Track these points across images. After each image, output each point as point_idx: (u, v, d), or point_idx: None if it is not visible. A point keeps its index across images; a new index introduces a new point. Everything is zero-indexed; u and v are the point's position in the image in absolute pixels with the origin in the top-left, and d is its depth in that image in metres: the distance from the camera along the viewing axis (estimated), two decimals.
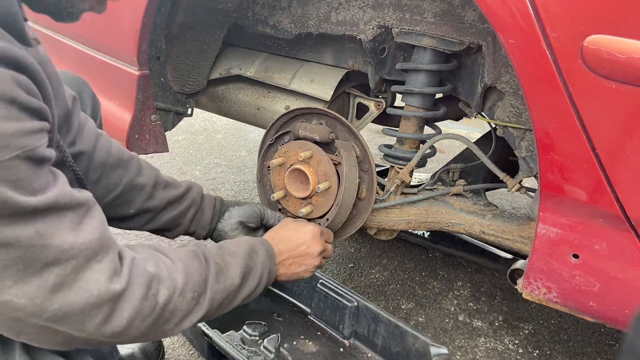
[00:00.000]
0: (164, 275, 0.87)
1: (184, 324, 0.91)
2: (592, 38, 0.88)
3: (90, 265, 0.77)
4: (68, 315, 0.75)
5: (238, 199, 2.67)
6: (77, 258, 0.75)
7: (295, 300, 1.64)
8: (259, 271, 1.09)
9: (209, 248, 1.04)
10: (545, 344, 1.78)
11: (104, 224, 0.82)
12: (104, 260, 0.79)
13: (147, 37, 1.53)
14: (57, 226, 0.73)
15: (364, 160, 1.39)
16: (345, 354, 1.46)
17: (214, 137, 3.57)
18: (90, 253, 0.77)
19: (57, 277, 0.73)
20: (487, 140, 1.70)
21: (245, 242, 1.13)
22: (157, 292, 0.85)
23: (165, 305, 0.86)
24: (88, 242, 0.76)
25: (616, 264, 1.02)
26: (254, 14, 1.67)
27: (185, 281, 0.90)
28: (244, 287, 1.05)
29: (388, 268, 2.16)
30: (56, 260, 0.73)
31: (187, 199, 1.28)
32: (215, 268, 0.99)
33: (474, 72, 1.37)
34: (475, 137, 1.93)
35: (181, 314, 0.90)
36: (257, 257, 1.11)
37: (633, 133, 0.91)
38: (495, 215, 1.37)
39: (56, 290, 0.73)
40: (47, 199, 0.72)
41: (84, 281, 0.76)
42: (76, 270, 0.75)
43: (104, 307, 0.77)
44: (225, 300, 1.00)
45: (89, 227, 0.78)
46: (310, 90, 1.61)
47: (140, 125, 1.65)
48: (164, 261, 0.90)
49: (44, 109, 0.74)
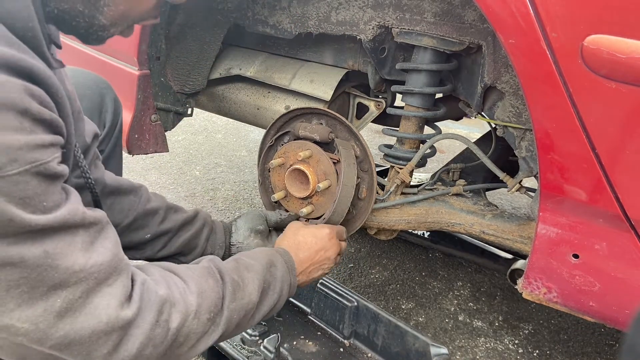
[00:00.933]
0: (177, 298, 0.82)
1: (199, 346, 0.86)
2: (592, 38, 0.88)
3: (100, 289, 0.72)
4: (74, 344, 0.70)
5: (238, 199, 2.67)
6: (87, 281, 0.70)
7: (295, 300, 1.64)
8: (278, 285, 1.04)
9: (225, 263, 0.99)
10: (545, 344, 1.78)
11: (117, 245, 0.78)
12: (115, 285, 0.74)
13: (147, 37, 1.53)
14: (67, 246, 0.69)
15: (364, 160, 1.39)
16: (345, 354, 1.46)
17: (214, 137, 3.57)
18: (102, 276, 0.72)
19: (65, 302, 0.68)
20: (487, 140, 1.70)
21: (264, 254, 1.07)
22: (170, 317, 0.80)
23: (179, 330, 0.81)
24: (99, 265, 0.72)
25: (616, 264, 1.02)
26: (254, 14, 1.67)
27: (200, 302, 0.85)
28: (264, 304, 1.00)
29: (388, 268, 2.16)
30: (64, 282, 0.68)
31: (199, 220, 1.27)
32: (232, 286, 0.93)
33: (474, 72, 1.37)
34: (475, 137, 1.93)
35: (196, 336, 0.85)
36: (276, 270, 1.05)
37: (633, 133, 0.91)
38: (495, 215, 1.37)
39: (63, 316, 0.68)
40: (58, 217, 0.68)
41: (93, 306, 0.71)
42: (86, 295, 0.70)
43: (113, 335, 0.73)
44: (243, 319, 0.95)
45: (102, 248, 0.74)
46: (310, 90, 1.61)
47: (141, 125, 1.65)
48: (176, 282, 0.85)
49: (57, 122, 0.70)
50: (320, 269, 1.21)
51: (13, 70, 0.64)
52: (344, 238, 1.34)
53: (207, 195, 2.70)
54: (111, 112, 1.28)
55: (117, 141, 1.32)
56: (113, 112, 1.29)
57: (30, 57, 0.67)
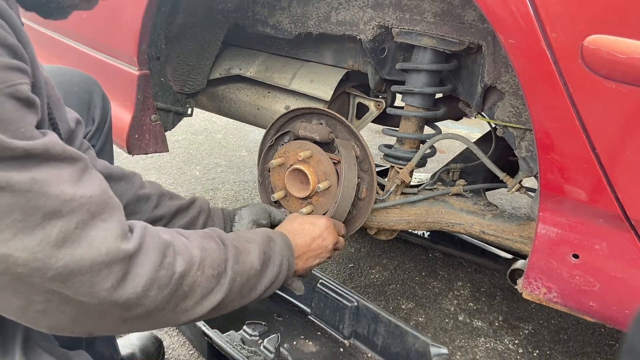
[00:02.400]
0: (180, 246, 0.82)
1: (204, 304, 0.84)
2: (592, 38, 0.88)
3: (95, 222, 0.71)
4: (75, 274, 0.69)
5: (238, 199, 2.67)
6: (80, 212, 0.70)
7: (295, 300, 1.64)
8: (278, 259, 1.03)
9: (225, 233, 0.98)
10: (545, 344, 1.78)
11: (105, 184, 0.77)
12: (109, 220, 0.73)
13: (147, 37, 1.53)
14: (54, 176, 0.68)
15: (364, 160, 1.39)
16: (345, 354, 1.46)
17: (214, 137, 3.57)
18: (94, 209, 0.71)
19: (61, 232, 0.68)
20: (487, 140, 1.70)
21: (262, 231, 1.08)
22: (174, 261, 0.79)
23: (183, 276, 0.80)
24: (89, 197, 0.71)
25: (616, 264, 1.02)
26: (254, 14, 1.67)
27: (203, 256, 0.84)
28: (265, 274, 0.99)
29: (388, 268, 2.16)
30: (57, 211, 0.68)
31: (195, 207, 1.26)
32: (234, 250, 0.93)
33: (474, 72, 1.37)
34: (475, 137, 1.93)
35: (201, 290, 0.83)
36: (275, 245, 1.05)
37: (633, 133, 0.91)
38: (495, 215, 1.37)
39: (60, 246, 0.67)
40: (38, 144, 0.67)
41: (90, 238, 0.70)
42: (81, 226, 0.69)
43: (114, 268, 0.72)
44: (246, 284, 0.94)
45: (89, 183, 0.73)
46: (310, 90, 1.61)
47: (140, 125, 1.65)
48: (179, 235, 0.85)
49: (21, 50, 0.69)
50: (317, 257, 1.20)
51: None
52: (342, 234, 1.33)
53: (207, 195, 2.70)
54: (100, 108, 1.28)
55: (107, 137, 1.32)
56: (101, 108, 1.29)
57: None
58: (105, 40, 1.68)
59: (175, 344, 1.64)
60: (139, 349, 1.48)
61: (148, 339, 1.53)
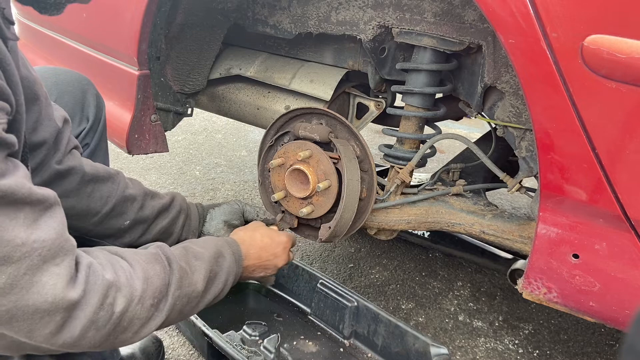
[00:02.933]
0: (122, 283, 0.82)
1: (142, 332, 0.87)
2: (592, 38, 0.88)
3: (48, 267, 0.71)
4: (16, 320, 0.69)
5: (238, 198, 2.67)
6: (31, 257, 0.69)
7: (295, 300, 1.64)
8: (223, 276, 1.06)
9: (173, 249, 1.00)
10: (545, 344, 1.78)
11: (63, 225, 0.77)
12: (62, 265, 0.73)
13: (147, 37, 1.53)
14: (10, 219, 0.68)
15: (364, 160, 1.39)
16: (345, 354, 1.46)
17: (214, 137, 3.57)
18: (46, 254, 0.71)
19: (9, 278, 0.67)
20: (487, 140, 1.70)
21: (213, 244, 1.10)
22: (114, 300, 0.80)
23: (122, 314, 0.81)
24: (42, 241, 0.71)
25: (616, 264, 1.02)
26: (254, 14, 1.67)
27: (144, 287, 0.86)
28: (209, 292, 1.02)
29: (388, 268, 2.16)
30: (8, 257, 0.67)
31: (175, 207, 1.27)
32: (179, 273, 0.94)
33: (474, 72, 1.37)
34: (475, 137, 1.93)
35: (139, 322, 0.85)
36: (223, 261, 1.08)
37: (633, 133, 0.91)
38: (495, 215, 1.37)
39: (8, 293, 0.68)
40: (4, 186, 0.66)
41: (40, 285, 0.70)
42: (31, 272, 0.69)
43: (57, 316, 0.72)
44: (187, 306, 0.97)
45: (46, 226, 0.72)
46: (310, 90, 1.61)
47: (140, 125, 1.65)
48: (122, 266, 0.85)
49: (4, 89, 0.69)
50: (263, 270, 1.23)
51: None
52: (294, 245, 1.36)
53: (207, 195, 2.70)
54: (93, 107, 1.29)
55: (101, 136, 1.33)
56: (95, 107, 1.30)
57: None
58: (106, 40, 1.68)
59: (175, 344, 1.64)
60: (139, 349, 1.48)
61: (148, 339, 1.53)
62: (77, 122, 1.25)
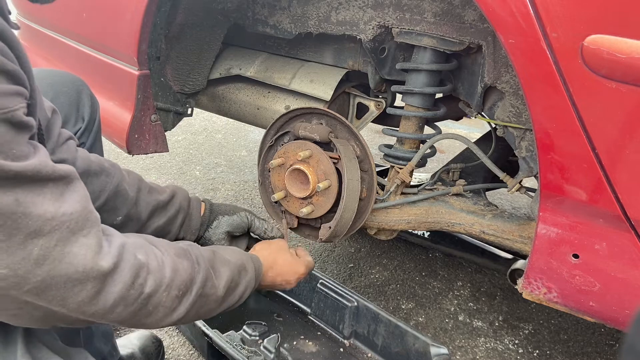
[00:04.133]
0: (154, 266, 0.85)
1: (163, 321, 0.89)
2: (592, 38, 0.88)
3: (76, 238, 0.75)
4: (50, 289, 0.73)
5: (238, 198, 2.67)
6: (60, 230, 0.73)
7: (295, 300, 1.64)
8: (242, 288, 1.08)
9: (202, 250, 1.02)
10: (545, 344, 1.78)
11: (87, 199, 0.80)
12: (90, 235, 0.77)
13: (147, 37, 1.53)
14: (37, 195, 0.71)
15: (364, 160, 1.39)
16: (345, 354, 1.46)
17: (214, 137, 3.57)
18: (74, 226, 0.75)
19: (42, 250, 0.71)
20: (487, 140, 1.70)
21: (239, 256, 1.11)
22: (145, 282, 0.83)
23: (150, 297, 0.84)
24: (70, 214, 0.74)
25: (616, 264, 1.02)
26: (254, 14, 1.67)
27: (173, 277, 0.88)
28: (225, 301, 1.04)
29: (388, 268, 2.16)
30: (39, 230, 0.71)
31: (173, 205, 1.25)
32: (205, 273, 0.97)
33: (474, 72, 1.37)
34: (475, 137, 1.93)
35: (163, 310, 0.88)
36: (245, 274, 1.09)
37: (633, 133, 0.91)
38: (495, 215, 1.37)
39: (41, 263, 0.71)
40: (29, 165, 0.70)
41: (70, 255, 0.74)
42: (62, 243, 0.73)
43: (88, 285, 0.76)
44: (204, 307, 0.98)
45: (71, 199, 0.76)
46: (310, 90, 1.61)
47: (140, 125, 1.65)
48: (155, 252, 0.88)
49: (20, 74, 0.73)
50: (270, 289, 1.27)
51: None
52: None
53: (207, 195, 2.70)
54: (88, 107, 1.30)
55: (96, 136, 1.33)
56: (90, 107, 1.30)
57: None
58: (105, 40, 1.68)
59: (175, 344, 1.64)
60: (139, 349, 1.48)
61: (148, 339, 1.53)
62: (72, 122, 1.25)
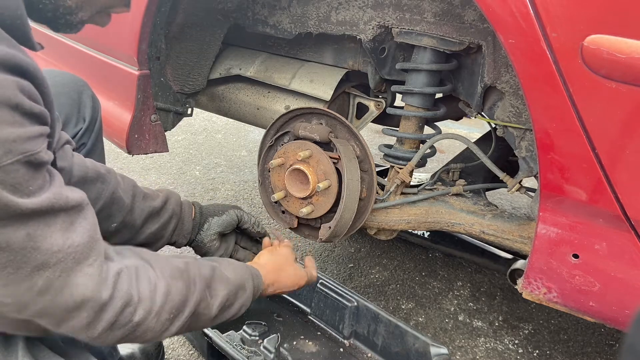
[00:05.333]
0: (145, 296, 0.87)
1: (152, 339, 0.92)
2: (592, 38, 0.88)
3: (80, 268, 0.77)
4: (47, 315, 0.77)
5: (238, 199, 2.67)
6: (65, 261, 0.76)
7: (295, 300, 1.63)
8: (237, 307, 1.08)
9: (202, 266, 1.02)
10: (545, 344, 1.78)
11: (95, 226, 0.83)
12: (94, 264, 0.79)
13: (147, 37, 1.53)
14: (47, 228, 0.74)
15: (364, 160, 1.39)
16: (345, 354, 1.46)
17: (214, 137, 3.57)
18: (79, 256, 0.77)
19: (46, 281, 0.74)
20: (487, 140, 1.70)
21: (241, 272, 1.11)
22: (135, 311, 0.85)
23: (139, 325, 0.86)
24: (76, 245, 0.77)
25: (616, 264, 1.02)
26: (254, 14, 1.67)
27: (164, 302, 0.90)
28: (217, 318, 1.04)
29: (388, 268, 2.16)
30: (45, 263, 0.74)
31: (167, 211, 1.26)
32: (200, 295, 0.97)
33: (474, 72, 1.37)
34: (475, 137, 1.93)
35: (152, 333, 0.90)
36: (243, 294, 1.09)
37: (633, 133, 0.91)
38: (495, 215, 1.37)
39: (44, 293, 0.74)
40: (44, 200, 0.73)
41: (73, 285, 0.77)
42: (66, 274, 0.76)
43: (84, 313, 0.78)
44: (194, 324, 0.99)
45: (81, 228, 0.79)
46: (310, 90, 1.61)
47: (140, 125, 1.65)
48: (149, 276, 0.89)
49: (44, 114, 0.75)
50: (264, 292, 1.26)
51: (5, 67, 0.69)
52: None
53: (207, 195, 2.70)
54: (90, 108, 1.30)
55: (97, 136, 1.33)
56: (91, 108, 1.31)
57: (20, 53, 0.72)
58: (105, 40, 1.68)
59: (175, 344, 1.64)
60: (139, 349, 1.48)
61: None
62: (73, 122, 1.25)
